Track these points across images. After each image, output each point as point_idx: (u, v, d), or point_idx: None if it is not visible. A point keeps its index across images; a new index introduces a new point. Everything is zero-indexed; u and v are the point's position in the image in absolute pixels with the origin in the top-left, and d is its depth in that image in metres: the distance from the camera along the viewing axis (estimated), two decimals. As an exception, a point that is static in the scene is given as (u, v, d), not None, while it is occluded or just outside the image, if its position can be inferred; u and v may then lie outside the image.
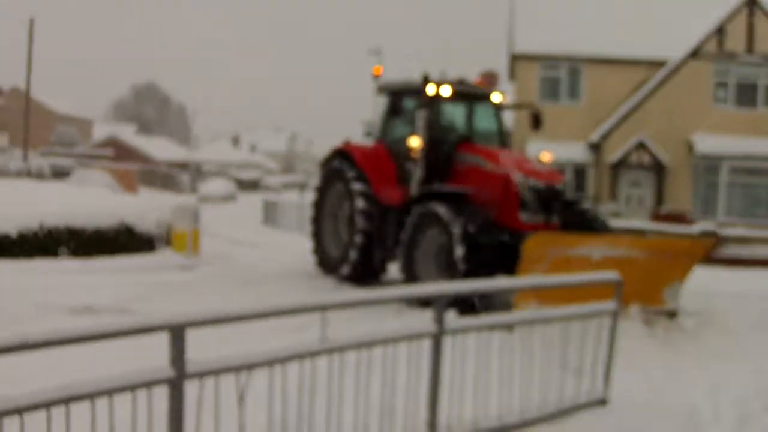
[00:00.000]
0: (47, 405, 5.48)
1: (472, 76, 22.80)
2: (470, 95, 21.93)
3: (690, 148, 42.15)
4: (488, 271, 17.20)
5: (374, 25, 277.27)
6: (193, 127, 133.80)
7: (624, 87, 43.98)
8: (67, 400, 5.57)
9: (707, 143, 41.64)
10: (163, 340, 6.22)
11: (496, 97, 21.98)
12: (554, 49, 44.33)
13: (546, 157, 21.46)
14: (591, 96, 44.28)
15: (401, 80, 21.73)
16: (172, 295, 18.66)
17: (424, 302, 16.55)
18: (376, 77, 22.19)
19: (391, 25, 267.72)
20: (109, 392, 5.80)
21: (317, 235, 22.81)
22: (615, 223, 35.00)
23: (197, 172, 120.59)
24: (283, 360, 6.90)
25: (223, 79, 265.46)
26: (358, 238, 20.94)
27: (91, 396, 5.70)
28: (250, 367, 6.61)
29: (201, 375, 6.31)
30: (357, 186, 21.26)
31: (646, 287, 17.28)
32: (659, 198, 42.55)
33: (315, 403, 7.22)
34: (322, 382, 7.32)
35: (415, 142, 20.53)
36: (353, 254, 21.11)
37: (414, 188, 20.21)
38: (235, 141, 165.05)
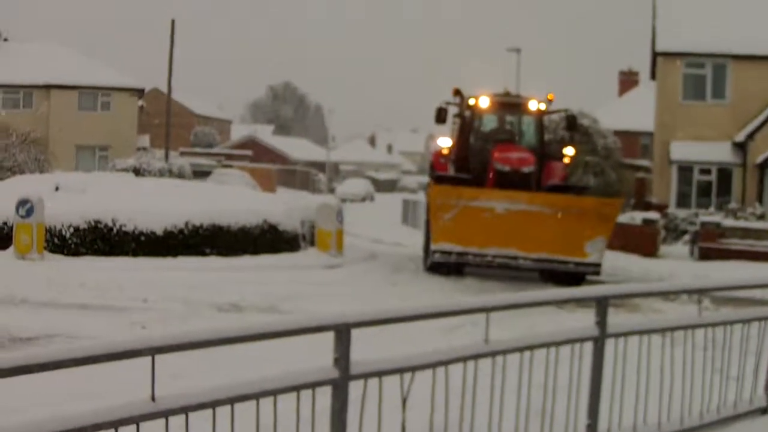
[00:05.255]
0: (213, 405, 5.43)
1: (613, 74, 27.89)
2: (509, 105, 25.40)
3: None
4: None
5: (513, 23, 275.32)
6: (330, 127, 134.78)
7: (772, 85, 42.76)
8: (233, 400, 5.51)
9: None
10: (310, 340, 6.11)
11: (533, 105, 24.78)
12: (698, 47, 43.26)
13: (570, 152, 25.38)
14: (737, 94, 43.04)
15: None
16: (320, 295, 18.70)
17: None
18: (454, 95, 25.41)
19: (529, 24, 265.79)
20: (274, 393, 5.71)
21: None
22: (760, 225, 34.32)
23: (334, 172, 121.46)
24: (447, 362, 6.73)
25: (359, 80, 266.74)
26: None
27: (256, 396, 5.63)
28: (414, 369, 6.47)
29: (365, 376, 6.18)
30: None
31: (566, 240, 20.81)
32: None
33: (476, 405, 7.05)
34: (483, 385, 7.13)
35: (442, 142, 25.36)
36: None
37: None
38: (372, 141, 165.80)
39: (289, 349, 8.06)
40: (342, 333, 5.97)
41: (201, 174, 58.09)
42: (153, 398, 5.12)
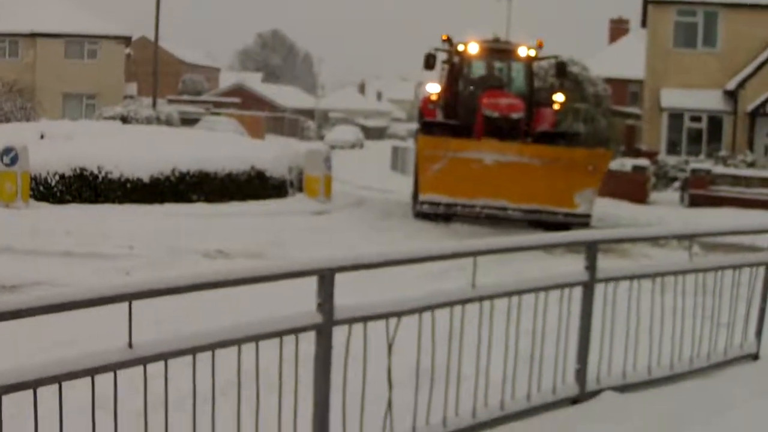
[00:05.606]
0: (192, 351, 5.31)
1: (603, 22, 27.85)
2: (499, 51, 25.20)
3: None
4: None
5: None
6: (319, 75, 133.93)
7: (763, 33, 42.48)
8: (213, 346, 5.40)
9: None
10: (296, 286, 5.99)
11: (522, 52, 24.67)
12: (690, -6, 43.13)
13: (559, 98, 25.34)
14: (728, 42, 42.80)
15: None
16: (307, 240, 18.64)
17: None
18: (443, 41, 25.15)
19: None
20: (256, 339, 5.60)
21: None
22: (750, 173, 34.29)
23: (324, 119, 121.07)
24: (434, 307, 6.62)
25: (347, 27, 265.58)
26: None
27: (237, 342, 5.52)
28: (399, 314, 6.35)
29: (349, 322, 6.07)
30: None
31: (555, 191, 20.81)
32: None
33: (463, 350, 6.93)
34: (471, 330, 7.01)
35: (431, 88, 25.27)
36: None
37: None
38: (362, 89, 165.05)
39: (275, 296, 7.96)
40: (325, 277, 5.85)
41: (189, 122, 57.75)
42: (130, 345, 5.00)
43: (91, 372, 4.84)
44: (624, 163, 36.12)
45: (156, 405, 5.24)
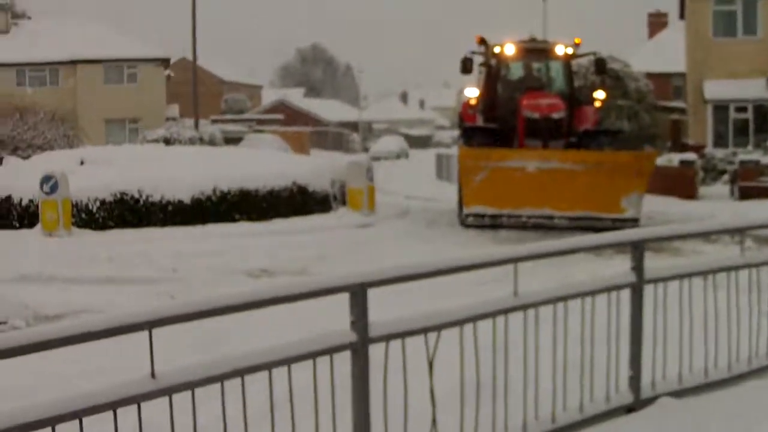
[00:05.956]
0: (220, 379, 5.09)
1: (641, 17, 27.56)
2: (536, 51, 24.74)
3: None
4: None
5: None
6: (361, 86, 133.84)
7: (806, 17, 41.89)
8: (242, 372, 5.16)
9: None
10: (338, 302, 5.76)
11: (560, 50, 24.19)
12: (728, -18, 42.58)
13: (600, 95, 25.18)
14: (769, 29, 42.34)
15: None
16: (353, 254, 18.45)
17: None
18: (478, 44, 24.71)
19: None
20: (287, 362, 5.36)
21: None
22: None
23: (368, 131, 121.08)
24: (475, 319, 6.35)
25: (386, 37, 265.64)
26: None
27: (267, 367, 5.29)
28: (438, 328, 6.09)
29: (386, 338, 5.81)
30: None
31: (601, 197, 20.63)
32: None
33: (509, 362, 6.63)
34: (516, 339, 6.70)
35: (469, 93, 24.91)
36: None
37: None
38: (404, 98, 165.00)
39: (317, 314, 7.68)
40: (357, 294, 5.61)
41: (232, 140, 57.69)
42: (153, 375, 4.76)
43: (113, 406, 4.61)
44: (671, 159, 35.65)
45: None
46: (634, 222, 20.59)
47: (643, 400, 7.59)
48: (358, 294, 5.60)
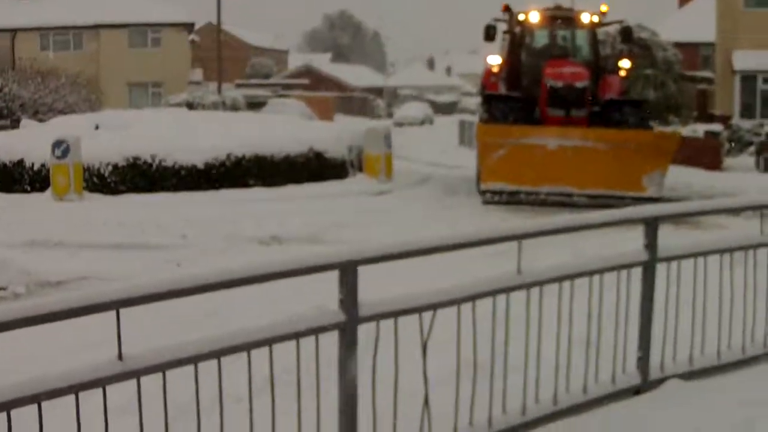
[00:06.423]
0: (195, 360, 4.80)
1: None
2: (561, 19, 24.31)
3: None
4: None
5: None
6: (388, 52, 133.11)
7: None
8: (218, 354, 4.89)
9: None
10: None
11: (585, 18, 23.71)
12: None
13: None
14: (803, -3, 41.74)
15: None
16: (366, 222, 18.17)
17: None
18: (503, 11, 24.48)
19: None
20: (269, 342, 5.09)
21: None
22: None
23: (393, 97, 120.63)
24: (474, 297, 6.03)
25: (414, 3, 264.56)
26: None
27: (247, 348, 5.00)
28: (434, 307, 5.78)
29: (376, 318, 5.51)
30: None
31: (622, 175, 20.29)
32: None
33: (509, 339, 6.30)
34: (517, 315, 6.36)
35: (492, 60, 24.55)
36: None
37: None
38: (431, 64, 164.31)
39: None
40: (346, 271, 5.31)
41: (256, 105, 57.33)
42: (120, 357, 4.47)
43: (76, 389, 4.31)
44: (696, 129, 35.24)
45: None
46: (655, 201, 20.29)
47: (651, 381, 7.30)
48: (347, 271, 5.30)
